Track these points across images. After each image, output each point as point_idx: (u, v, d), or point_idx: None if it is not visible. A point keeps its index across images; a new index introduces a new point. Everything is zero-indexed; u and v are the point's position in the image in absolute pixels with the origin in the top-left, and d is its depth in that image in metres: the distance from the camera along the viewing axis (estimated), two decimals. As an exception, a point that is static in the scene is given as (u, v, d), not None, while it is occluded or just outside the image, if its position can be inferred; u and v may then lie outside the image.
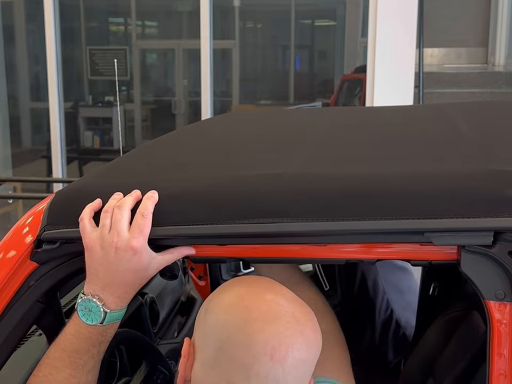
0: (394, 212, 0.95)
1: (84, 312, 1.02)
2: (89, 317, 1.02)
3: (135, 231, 0.98)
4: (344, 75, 6.73)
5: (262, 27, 8.18)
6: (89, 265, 1.02)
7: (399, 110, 1.70)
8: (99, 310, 1.01)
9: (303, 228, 0.97)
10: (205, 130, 1.60)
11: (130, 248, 0.98)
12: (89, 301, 1.01)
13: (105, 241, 0.99)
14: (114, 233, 0.98)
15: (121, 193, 1.03)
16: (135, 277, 1.01)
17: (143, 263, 0.99)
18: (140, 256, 0.99)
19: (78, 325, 1.04)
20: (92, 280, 1.02)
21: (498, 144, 1.17)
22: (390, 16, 4.52)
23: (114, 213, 0.99)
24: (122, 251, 0.98)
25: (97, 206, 1.03)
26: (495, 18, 7.33)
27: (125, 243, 0.98)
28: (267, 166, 1.11)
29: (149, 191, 1.01)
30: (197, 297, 2.27)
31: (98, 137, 7.23)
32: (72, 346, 1.03)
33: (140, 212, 0.99)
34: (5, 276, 1.08)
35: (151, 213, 0.99)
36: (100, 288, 1.01)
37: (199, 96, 5.31)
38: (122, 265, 0.99)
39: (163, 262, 1.02)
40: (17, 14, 7.16)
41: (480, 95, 5.91)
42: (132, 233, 0.98)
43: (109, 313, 1.02)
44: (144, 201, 1.00)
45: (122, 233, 0.98)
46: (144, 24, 8.19)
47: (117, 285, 1.01)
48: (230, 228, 0.99)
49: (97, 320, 1.02)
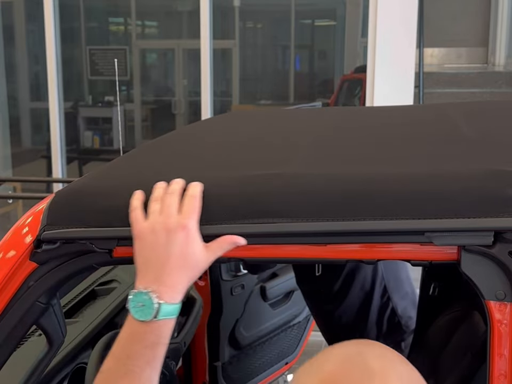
0: (394, 212, 0.95)
1: (137, 309, 0.96)
2: (142, 312, 0.96)
3: (186, 211, 0.96)
4: (344, 75, 6.73)
5: (262, 27, 8.18)
6: (139, 255, 0.98)
7: (399, 110, 1.70)
8: (152, 302, 0.95)
9: (303, 228, 0.97)
10: (205, 130, 1.60)
11: (182, 228, 0.95)
12: (142, 294, 0.96)
13: (155, 225, 0.96)
14: (165, 216, 0.96)
15: (165, 182, 1.02)
16: (187, 264, 0.97)
17: (194, 247, 0.96)
18: (192, 239, 0.96)
19: (130, 325, 0.98)
20: (143, 273, 0.98)
21: (499, 144, 1.17)
22: (390, 16, 4.52)
23: (164, 198, 0.98)
24: (173, 232, 0.95)
25: (143, 197, 1.01)
26: (495, 18, 7.33)
27: (176, 223, 0.95)
28: (267, 166, 1.10)
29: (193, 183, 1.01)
30: (197, 297, 2.26)
31: (98, 137, 7.23)
32: (126, 352, 0.97)
33: (189, 194, 0.98)
34: (5, 276, 1.08)
35: (201, 196, 0.98)
36: (152, 279, 0.96)
37: (199, 96, 5.30)
38: (174, 248, 0.95)
39: (217, 250, 0.98)
40: (17, 14, 7.16)
41: (480, 95, 5.91)
42: (183, 214, 0.96)
43: (163, 305, 0.95)
44: (192, 186, 1.00)
45: (173, 215, 0.96)
46: (144, 24, 8.19)
47: (169, 273, 0.96)
48: (230, 228, 0.99)
49: (150, 314, 0.95)
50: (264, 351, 2.63)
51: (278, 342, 2.69)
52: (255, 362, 2.61)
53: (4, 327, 1.08)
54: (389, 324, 1.91)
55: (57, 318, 1.16)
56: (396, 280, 1.93)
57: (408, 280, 1.99)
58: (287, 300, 2.68)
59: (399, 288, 1.94)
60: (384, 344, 0.80)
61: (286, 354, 2.74)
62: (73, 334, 1.58)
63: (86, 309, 1.79)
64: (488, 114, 1.53)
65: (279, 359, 2.71)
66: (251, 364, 2.60)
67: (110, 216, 1.04)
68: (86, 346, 1.60)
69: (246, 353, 2.56)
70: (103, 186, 1.12)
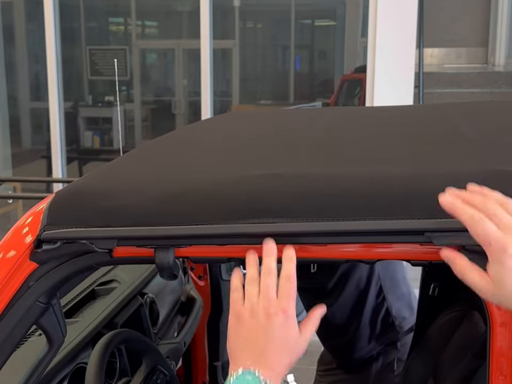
0: (394, 212, 0.95)
1: None
2: None
3: (284, 295, 0.96)
4: (344, 75, 6.73)
5: (262, 27, 8.19)
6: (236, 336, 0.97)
7: (399, 110, 1.70)
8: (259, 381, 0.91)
9: (303, 228, 0.97)
10: (205, 130, 1.60)
11: (283, 312, 0.95)
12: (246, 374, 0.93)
13: (254, 309, 0.96)
14: (265, 300, 0.96)
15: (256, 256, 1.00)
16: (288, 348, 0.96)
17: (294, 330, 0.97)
18: (291, 322, 0.96)
19: None
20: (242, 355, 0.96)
21: (499, 144, 1.17)
22: (390, 16, 4.52)
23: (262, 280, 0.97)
24: (273, 315, 0.95)
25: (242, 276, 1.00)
26: (495, 18, 7.34)
27: (276, 307, 0.95)
28: (267, 166, 1.10)
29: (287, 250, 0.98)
30: (197, 297, 2.27)
31: (98, 137, 7.24)
32: None
33: (285, 277, 0.97)
34: (5, 276, 1.08)
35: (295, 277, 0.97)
36: (252, 361, 0.94)
37: (199, 96, 5.31)
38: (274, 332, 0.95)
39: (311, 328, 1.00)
40: (17, 14, 7.16)
41: (480, 95, 5.92)
42: (280, 298, 0.96)
43: None
44: (286, 265, 0.98)
45: (272, 298, 0.96)
46: (144, 24, 8.20)
47: (270, 355, 0.95)
48: (230, 227, 0.99)
49: None
50: (264, 351, 2.64)
51: (278, 342, 2.69)
52: (255, 362, 2.61)
53: (4, 327, 1.08)
54: (383, 324, 1.91)
55: (57, 318, 1.16)
56: (392, 281, 1.93)
57: (404, 281, 1.99)
58: (287, 300, 2.68)
59: (395, 289, 1.94)
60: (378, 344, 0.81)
61: (286, 354, 2.74)
62: (73, 334, 1.57)
63: (86, 309, 1.79)
64: (488, 114, 1.53)
65: (279, 359, 2.71)
66: (251, 363, 2.60)
67: (110, 216, 1.04)
68: (86, 346, 1.60)
69: (246, 353, 2.56)
70: (103, 186, 1.12)
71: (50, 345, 1.18)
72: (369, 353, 1.92)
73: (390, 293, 1.92)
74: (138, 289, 1.94)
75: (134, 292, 1.91)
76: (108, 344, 1.52)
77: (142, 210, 1.03)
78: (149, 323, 1.92)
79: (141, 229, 1.01)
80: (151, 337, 1.89)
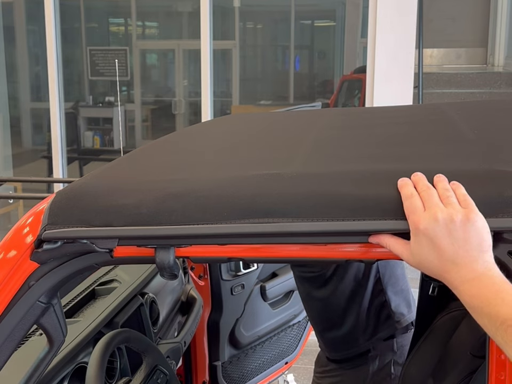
0: (394, 212, 0.95)
1: None
2: None
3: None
4: (344, 75, 6.73)
5: (262, 27, 8.19)
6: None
7: (399, 110, 1.70)
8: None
9: (303, 228, 0.97)
10: (206, 131, 1.60)
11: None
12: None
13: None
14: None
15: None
16: None
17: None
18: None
19: None
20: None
21: (499, 144, 1.18)
22: (389, 17, 4.52)
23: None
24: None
25: None
26: (495, 18, 7.34)
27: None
28: (267, 166, 1.11)
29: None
30: (197, 297, 2.27)
31: (99, 138, 7.23)
32: None
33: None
34: (6, 276, 1.08)
35: None
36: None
37: (199, 97, 5.31)
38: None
39: None
40: (17, 15, 7.16)
41: (480, 96, 5.92)
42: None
43: None
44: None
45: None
46: (144, 25, 8.19)
47: None
48: (230, 227, 0.99)
49: None
50: (264, 350, 2.64)
51: (278, 342, 2.69)
52: (255, 361, 2.62)
53: (5, 326, 1.09)
54: (380, 317, 1.92)
55: (57, 318, 1.16)
56: (391, 275, 1.94)
57: (403, 278, 2.00)
58: (287, 299, 2.69)
59: (394, 284, 1.95)
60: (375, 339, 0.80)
61: (286, 354, 2.75)
62: (74, 333, 1.58)
63: (86, 308, 1.79)
64: (488, 113, 1.53)
65: (279, 358, 2.71)
66: (251, 363, 2.60)
67: (111, 216, 1.04)
68: (87, 345, 1.60)
69: (246, 353, 2.56)
70: (104, 186, 1.12)
71: (50, 345, 1.18)
72: (366, 348, 1.92)
73: (388, 287, 1.92)
74: (138, 289, 1.94)
75: (135, 292, 1.91)
76: (108, 344, 1.52)
77: (143, 210, 1.03)
78: (149, 323, 1.92)
79: (141, 229, 1.02)
80: (151, 337, 1.90)
